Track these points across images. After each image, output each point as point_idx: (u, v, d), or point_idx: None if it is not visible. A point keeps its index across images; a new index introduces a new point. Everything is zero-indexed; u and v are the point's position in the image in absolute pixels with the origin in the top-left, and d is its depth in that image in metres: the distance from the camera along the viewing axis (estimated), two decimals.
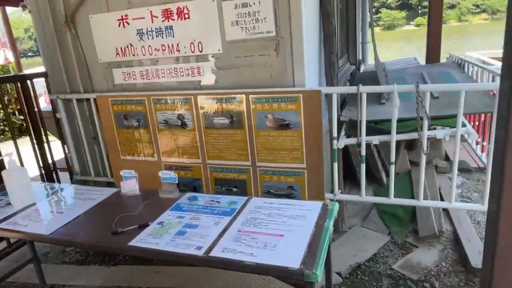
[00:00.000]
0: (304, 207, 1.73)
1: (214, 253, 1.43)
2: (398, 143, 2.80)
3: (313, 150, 2.34)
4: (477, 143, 3.00)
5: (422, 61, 5.45)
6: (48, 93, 3.01)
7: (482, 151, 2.81)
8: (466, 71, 3.94)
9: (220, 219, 1.69)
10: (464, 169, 3.83)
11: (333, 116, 2.29)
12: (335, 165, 2.38)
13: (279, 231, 1.54)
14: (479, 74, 3.85)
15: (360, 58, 6.02)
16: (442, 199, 3.10)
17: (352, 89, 2.30)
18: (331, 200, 2.00)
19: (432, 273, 2.40)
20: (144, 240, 1.57)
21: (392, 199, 2.34)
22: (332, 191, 2.54)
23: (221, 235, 1.55)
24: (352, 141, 2.36)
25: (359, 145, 2.31)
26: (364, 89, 2.22)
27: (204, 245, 1.49)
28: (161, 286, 2.47)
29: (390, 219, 2.97)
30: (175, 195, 1.96)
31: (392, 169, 2.31)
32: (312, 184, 2.43)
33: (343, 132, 2.51)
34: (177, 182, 1.96)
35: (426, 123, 2.12)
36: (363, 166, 2.34)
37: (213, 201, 1.87)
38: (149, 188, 2.07)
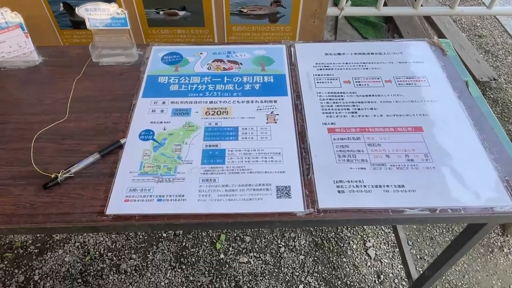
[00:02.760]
0: (405, 56, 0.96)
1: (325, 201, 0.66)
2: None
3: None
4: None
5: None
6: None
7: None
8: None
9: (268, 103, 0.83)
10: None
11: None
12: None
13: (406, 118, 0.81)
14: None
15: None
16: None
17: None
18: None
19: None
20: (141, 195, 0.67)
21: (420, 10, 1.68)
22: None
23: (304, 146, 0.75)
24: None
25: None
26: None
27: (285, 181, 0.69)
28: None
29: (364, 28, 2.38)
30: (131, 56, 0.93)
31: None
32: None
33: None
34: (128, 26, 0.90)
35: None
36: None
37: (221, 60, 0.93)
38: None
